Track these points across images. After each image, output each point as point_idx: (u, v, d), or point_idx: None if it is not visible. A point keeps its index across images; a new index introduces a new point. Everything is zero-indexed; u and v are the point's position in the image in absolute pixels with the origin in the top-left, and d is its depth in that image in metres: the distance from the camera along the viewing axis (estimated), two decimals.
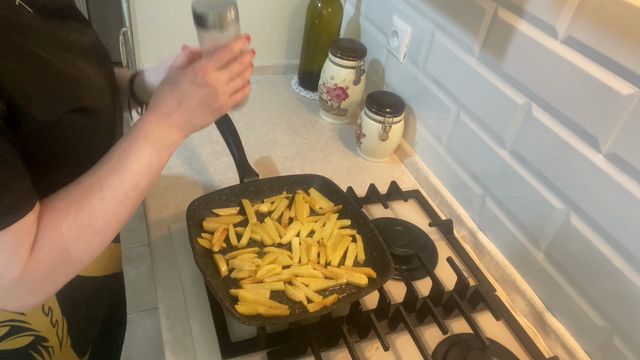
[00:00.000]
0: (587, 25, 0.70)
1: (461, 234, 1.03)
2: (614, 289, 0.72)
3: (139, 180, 0.60)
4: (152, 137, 0.62)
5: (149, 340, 1.86)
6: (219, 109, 0.67)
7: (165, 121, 0.64)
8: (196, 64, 0.65)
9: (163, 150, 0.63)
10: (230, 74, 0.67)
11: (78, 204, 0.56)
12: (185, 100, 0.64)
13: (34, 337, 0.68)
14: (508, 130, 0.88)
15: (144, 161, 0.61)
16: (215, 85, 0.64)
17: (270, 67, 1.46)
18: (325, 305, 0.75)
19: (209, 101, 0.65)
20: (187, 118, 0.65)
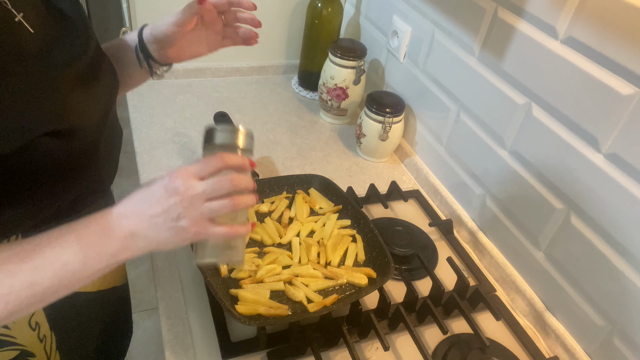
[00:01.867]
0: (587, 25, 0.70)
1: (461, 234, 1.03)
2: (614, 289, 0.72)
3: (40, 279, 0.48)
4: (85, 238, 0.51)
5: (149, 340, 1.86)
6: (183, 231, 0.53)
7: (113, 223, 0.52)
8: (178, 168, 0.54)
9: (94, 258, 0.51)
10: (212, 190, 0.53)
11: None
12: (147, 204, 0.53)
13: (19, 351, 0.66)
14: (508, 130, 0.88)
15: (59, 260, 0.49)
16: (184, 194, 0.52)
17: (270, 67, 1.46)
18: (325, 305, 0.75)
19: (173, 213, 0.52)
20: (142, 227, 0.52)
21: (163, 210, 0.52)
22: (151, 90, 1.29)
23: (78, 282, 0.51)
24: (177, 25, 0.69)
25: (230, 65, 1.40)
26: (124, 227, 0.52)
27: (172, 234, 0.53)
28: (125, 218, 0.53)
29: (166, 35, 0.70)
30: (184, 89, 1.32)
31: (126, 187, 2.47)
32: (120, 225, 0.52)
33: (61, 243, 0.50)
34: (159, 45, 0.72)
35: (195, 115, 1.22)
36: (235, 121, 1.00)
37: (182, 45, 0.73)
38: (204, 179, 0.54)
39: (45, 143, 0.52)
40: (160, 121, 1.18)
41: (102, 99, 0.62)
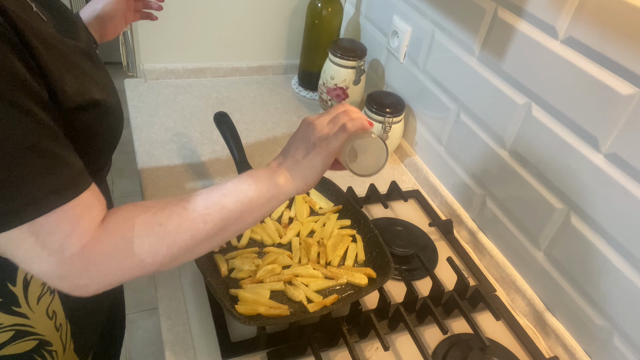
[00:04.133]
0: (587, 25, 0.70)
1: (461, 234, 1.03)
2: (614, 289, 0.72)
3: (227, 202, 0.58)
4: (256, 174, 0.62)
5: (149, 340, 1.86)
6: (322, 144, 0.62)
7: (273, 165, 0.64)
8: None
9: (264, 184, 0.61)
10: (331, 116, 0.64)
11: (162, 206, 0.56)
12: (292, 146, 0.64)
13: (38, 341, 0.68)
14: (508, 130, 0.88)
15: (240, 187, 0.60)
16: (312, 121, 0.64)
17: (270, 67, 1.46)
18: (325, 305, 0.75)
19: (309, 139, 0.63)
20: (293, 160, 0.63)
21: (300, 141, 0.64)
22: (151, 90, 1.29)
23: (254, 210, 0.60)
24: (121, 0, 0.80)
25: (230, 65, 1.40)
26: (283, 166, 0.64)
27: (313, 152, 0.62)
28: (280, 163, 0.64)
29: (111, 10, 0.80)
30: (184, 89, 1.32)
31: (126, 187, 2.47)
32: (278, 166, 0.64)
33: (238, 179, 0.61)
34: (99, 24, 0.81)
35: (195, 115, 1.22)
36: (235, 121, 1.00)
37: (117, 21, 0.82)
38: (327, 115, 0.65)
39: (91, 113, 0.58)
40: (160, 121, 1.18)
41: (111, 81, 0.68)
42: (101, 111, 0.60)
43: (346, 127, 0.62)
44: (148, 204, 0.56)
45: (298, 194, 0.64)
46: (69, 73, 0.54)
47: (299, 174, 0.63)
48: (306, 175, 0.63)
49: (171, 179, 1.02)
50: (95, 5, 0.80)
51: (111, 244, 0.53)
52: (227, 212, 0.58)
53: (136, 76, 1.34)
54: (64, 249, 0.50)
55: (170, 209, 0.56)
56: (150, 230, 0.54)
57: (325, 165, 0.63)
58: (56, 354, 0.71)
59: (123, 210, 0.55)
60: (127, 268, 0.55)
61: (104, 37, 0.83)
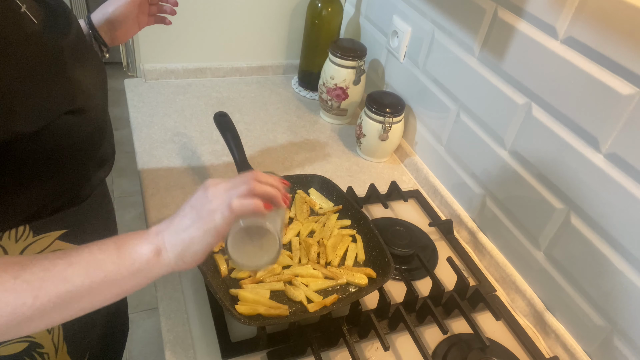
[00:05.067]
0: (587, 25, 0.70)
1: (461, 234, 1.03)
2: (614, 289, 0.72)
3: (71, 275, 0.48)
4: (122, 241, 0.52)
5: (149, 340, 1.86)
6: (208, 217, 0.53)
7: (152, 231, 0.54)
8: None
9: (127, 257, 0.51)
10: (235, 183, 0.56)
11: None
12: (180, 213, 0.55)
13: (28, 343, 0.67)
14: (508, 130, 0.88)
15: (97, 257, 0.50)
16: (208, 186, 0.55)
17: (270, 67, 1.46)
18: (325, 305, 0.75)
19: (198, 206, 0.54)
20: (172, 229, 0.54)
21: (189, 208, 0.54)
22: (151, 90, 1.30)
23: (109, 286, 0.51)
24: (132, 4, 0.79)
25: (230, 65, 1.40)
26: (158, 235, 0.54)
27: (197, 226, 0.53)
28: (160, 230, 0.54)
29: (122, 14, 0.79)
30: (184, 89, 1.32)
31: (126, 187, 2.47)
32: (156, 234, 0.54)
33: (99, 245, 0.51)
34: (110, 27, 0.80)
35: (195, 115, 1.22)
36: (235, 121, 1.00)
37: (129, 24, 0.82)
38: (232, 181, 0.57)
39: (63, 122, 0.56)
40: (160, 121, 1.18)
41: (100, 81, 0.67)
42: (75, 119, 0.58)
43: (232, 205, 0.53)
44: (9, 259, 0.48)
45: (173, 270, 0.54)
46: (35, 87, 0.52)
47: (175, 248, 0.53)
48: (182, 250, 0.53)
49: (171, 179, 1.02)
50: (106, 9, 0.80)
51: None
52: (69, 287, 0.48)
53: (136, 76, 1.34)
54: None
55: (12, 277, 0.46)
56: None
57: (207, 245, 0.54)
58: (48, 356, 0.70)
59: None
60: None
61: (114, 40, 0.82)
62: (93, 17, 0.80)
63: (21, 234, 0.62)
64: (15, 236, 0.62)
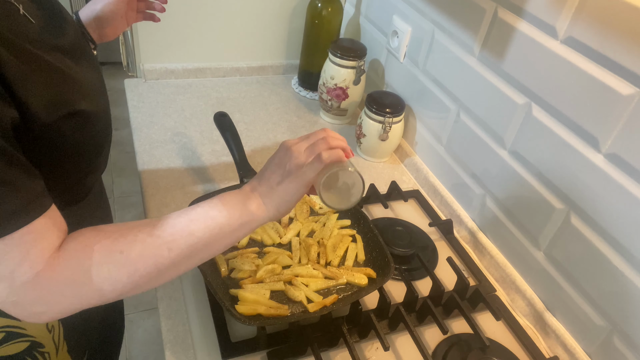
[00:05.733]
0: (587, 25, 0.70)
1: (461, 234, 1.03)
2: (614, 289, 0.72)
3: (195, 230, 0.56)
4: (227, 199, 0.59)
5: (149, 340, 1.86)
6: (297, 171, 0.59)
7: (247, 189, 0.61)
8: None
9: (235, 211, 0.58)
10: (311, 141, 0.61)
11: (124, 232, 0.53)
12: (267, 171, 0.61)
13: (29, 342, 0.67)
14: (508, 130, 0.88)
15: (210, 213, 0.57)
16: (289, 146, 0.61)
17: (270, 67, 1.46)
18: (325, 305, 0.75)
19: (285, 164, 0.60)
20: (265, 186, 0.61)
21: (276, 166, 0.61)
22: (151, 90, 1.30)
23: (224, 237, 0.58)
24: (121, 1, 0.79)
25: (230, 65, 1.40)
26: (255, 192, 0.61)
27: (288, 180, 0.60)
28: (254, 188, 0.61)
29: (110, 12, 0.79)
30: (184, 89, 1.32)
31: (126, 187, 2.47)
32: (252, 191, 0.61)
33: (208, 203, 0.58)
34: (98, 24, 0.80)
35: (195, 115, 1.22)
36: (235, 121, 1.00)
37: (117, 22, 0.81)
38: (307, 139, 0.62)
39: (70, 124, 0.57)
40: (160, 121, 1.18)
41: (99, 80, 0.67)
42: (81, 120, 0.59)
43: (322, 157, 0.59)
44: (111, 228, 0.54)
45: (270, 220, 0.61)
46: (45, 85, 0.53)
47: (272, 201, 0.60)
48: (279, 202, 0.60)
49: (171, 179, 1.02)
50: (94, 6, 0.80)
51: (67, 272, 0.50)
52: (194, 239, 0.55)
53: (136, 76, 1.34)
54: (15, 276, 0.48)
55: (134, 235, 0.53)
56: (110, 258, 0.52)
57: (300, 194, 0.61)
58: (49, 355, 0.71)
59: (82, 236, 0.52)
60: (84, 296, 0.53)
61: (103, 37, 0.82)
62: (81, 14, 0.79)
63: None
64: None
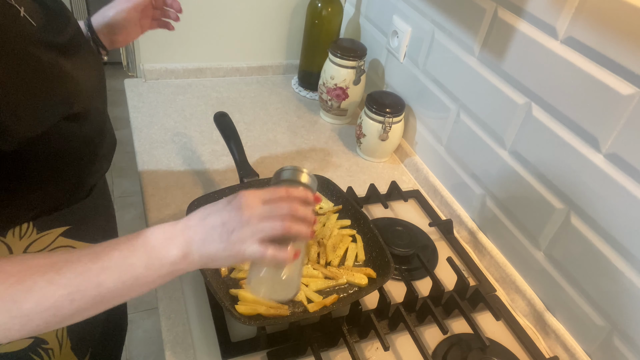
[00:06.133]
0: (587, 25, 0.70)
1: (461, 234, 1.03)
2: (614, 289, 0.72)
3: (105, 280, 0.50)
4: (151, 243, 0.54)
5: (149, 340, 1.86)
6: (236, 244, 0.54)
7: (175, 231, 0.55)
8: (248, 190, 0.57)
9: (156, 263, 0.53)
10: (270, 211, 0.55)
11: (22, 277, 0.48)
12: (209, 217, 0.55)
13: (33, 339, 0.68)
14: (508, 130, 0.88)
15: (127, 261, 0.52)
16: (244, 211, 0.54)
17: (270, 67, 1.46)
18: (325, 305, 0.75)
19: (230, 227, 0.54)
20: (199, 236, 0.54)
21: (221, 222, 0.54)
22: (151, 90, 1.30)
23: (138, 287, 0.53)
24: (134, 9, 0.78)
25: (230, 65, 1.40)
26: (185, 235, 0.55)
27: (224, 247, 0.54)
28: (188, 228, 0.55)
29: (123, 19, 0.78)
30: (184, 89, 1.32)
31: (126, 187, 2.47)
32: (182, 233, 0.55)
33: (128, 247, 0.53)
34: (110, 31, 0.79)
35: (195, 115, 1.22)
36: (235, 121, 1.00)
37: (130, 29, 0.80)
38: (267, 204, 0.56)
39: (62, 127, 0.56)
40: (160, 121, 1.18)
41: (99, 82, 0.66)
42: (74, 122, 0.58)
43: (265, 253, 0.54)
44: (9, 269, 0.48)
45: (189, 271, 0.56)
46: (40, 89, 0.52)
47: (201, 258, 0.55)
48: (207, 262, 0.55)
49: (171, 179, 1.02)
50: (107, 13, 0.79)
51: None
52: (103, 290, 0.51)
53: (136, 76, 1.34)
54: None
55: (32, 282, 0.48)
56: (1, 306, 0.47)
57: (230, 263, 0.56)
58: (52, 352, 0.71)
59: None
60: None
61: (115, 43, 0.82)
62: (93, 20, 0.79)
63: (25, 232, 0.63)
64: (20, 234, 0.62)
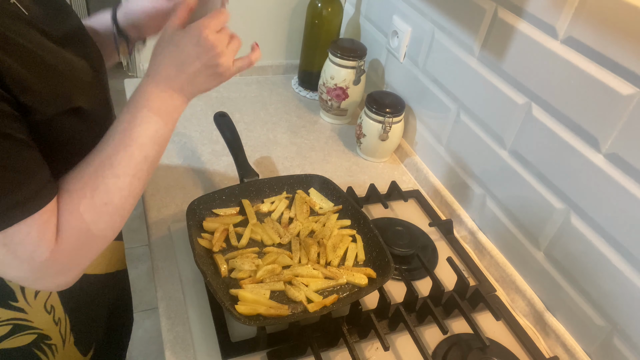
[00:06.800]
0: (587, 25, 0.70)
1: (461, 234, 1.03)
2: (614, 289, 0.72)
3: (148, 152, 0.60)
4: (155, 105, 0.61)
5: (149, 340, 1.86)
6: (224, 73, 0.64)
7: (166, 86, 0.62)
8: (197, 24, 0.61)
9: (168, 116, 0.62)
10: (228, 37, 0.64)
11: (92, 185, 0.56)
12: (186, 63, 0.62)
13: (36, 335, 0.68)
14: (508, 130, 0.88)
15: (150, 131, 0.60)
16: (218, 46, 0.62)
17: (270, 67, 1.46)
18: (325, 305, 0.75)
19: (213, 63, 0.62)
20: (188, 82, 0.63)
21: (202, 65, 0.62)
22: None
23: (165, 142, 0.63)
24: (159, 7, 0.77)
25: None
26: (176, 86, 0.63)
27: (216, 81, 0.65)
28: (172, 79, 0.62)
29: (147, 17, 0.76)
30: None
31: None
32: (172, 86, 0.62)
33: (143, 119, 0.60)
34: (136, 27, 0.77)
35: (195, 115, 1.22)
36: (235, 121, 1.00)
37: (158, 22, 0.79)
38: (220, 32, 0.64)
39: (68, 121, 0.58)
40: None
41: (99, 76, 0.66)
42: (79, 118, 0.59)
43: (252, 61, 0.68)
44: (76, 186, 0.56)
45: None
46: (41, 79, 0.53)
47: (192, 93, 0.65)
48: (197, 92, 0.66)
49: (171, 179, 1.02)
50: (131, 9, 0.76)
51: (73, 241, 0.55)
52: (151, 160, 0.61)
53: (136, 76, 1.34)
54: (34, 256, 0.52)
55: (104, 184, 0.56)
56: (99, 213, 0.56)
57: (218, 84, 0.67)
58: (56, 347, 0.71)
59: (62, 203, 0.55)
60: (95, 249, 0.59)
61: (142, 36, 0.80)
62: (119, 16, 0.77)
63: None
64: None
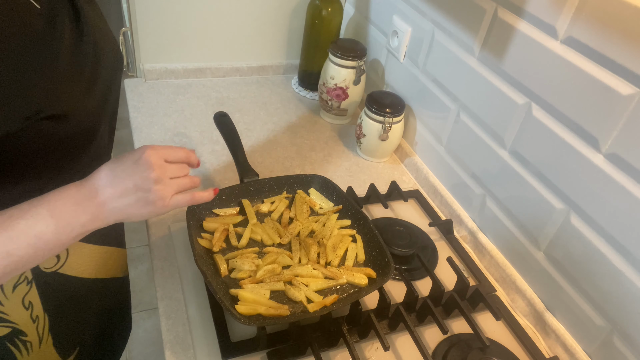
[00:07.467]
0: (587, 25, 0.70)
1: (461, 234, 1.03)
2: (614, 289, 0.72)
3: (15, 249, 0.50)
4: (58, 209, 0.53)
5: (149, 340, 1.86)
6: (156, 203, 0.58)
7: (83, 196, 0.55)
8: (146, 145, 0.59)
9: (66, 227, 0.53)
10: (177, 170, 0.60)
11: None
12: (119, 177, 0.56)
13: (11, 329, 0.67)
14: (508, 130, 0.88)
15: (33, 231, 0.51)
16: (156, 170, 0.57)
17: (270, 67, 1.46)
18: (325, 305, 0.75)
19: (145, 187, 0.57)
20: (114, 198, 0.56)
21: (133, 185, 0.57)
22: (151, 90, 1.29)
23: (51, 250, 0.54)
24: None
25: (230, 65, 1.40)
26: (95, 200, 0.55)
27: (141, 206, 0.57)
28: (97, 191, 0.56)
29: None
30: (184, 89, 1.32)
31: None
32: (92, 197, 0.55)
33: (34, 215, 0.52)
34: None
35: (195, 115, 1.22)
36: (235, 121, 1.00)
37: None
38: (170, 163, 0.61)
39: (38, 128, 0.54)
40: (160, 121, 1.18)
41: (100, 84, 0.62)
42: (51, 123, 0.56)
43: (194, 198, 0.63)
44: None
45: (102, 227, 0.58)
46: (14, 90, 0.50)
47: (115, 217, 0.57)
48: (124, 218, 0.57)
49: None
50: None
51: None
52: (14, 259, 0.51)
53: (136, 76, 1.34)
54: None
55: None
56: None
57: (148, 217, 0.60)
58: (31, 345, 0.70)
59: None
60: None
61: None
62: None
63: None
64: None
